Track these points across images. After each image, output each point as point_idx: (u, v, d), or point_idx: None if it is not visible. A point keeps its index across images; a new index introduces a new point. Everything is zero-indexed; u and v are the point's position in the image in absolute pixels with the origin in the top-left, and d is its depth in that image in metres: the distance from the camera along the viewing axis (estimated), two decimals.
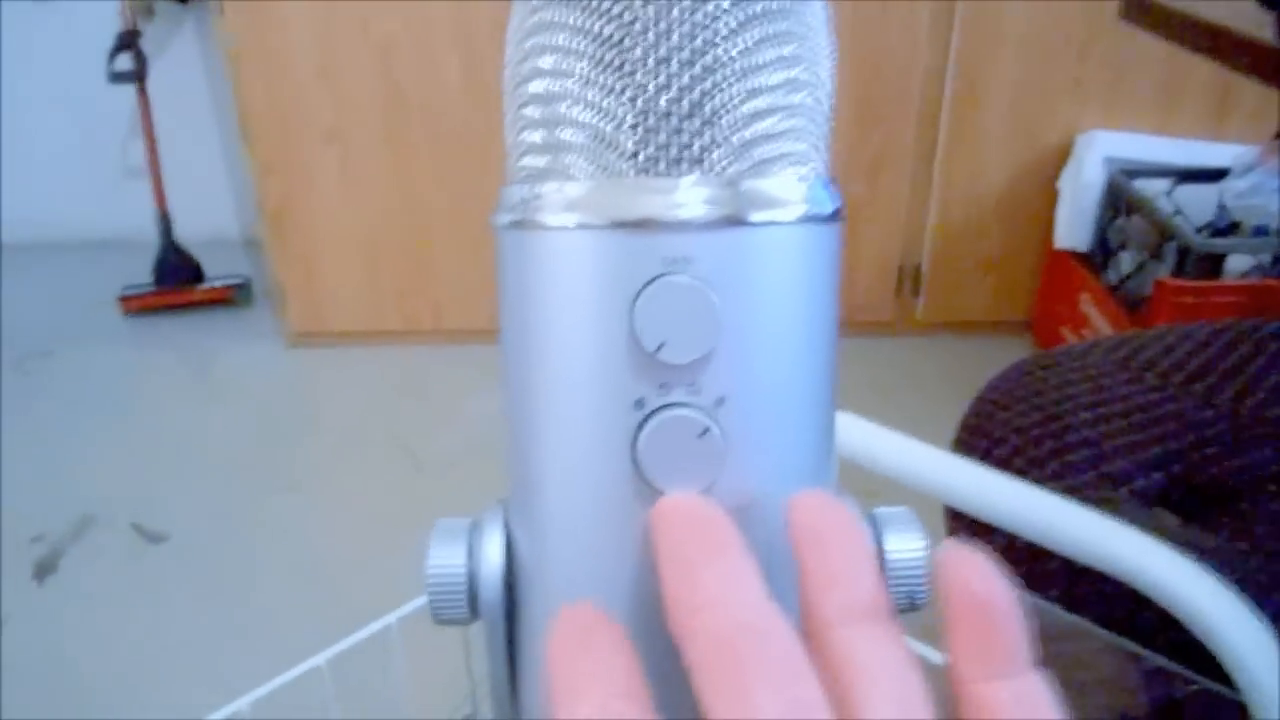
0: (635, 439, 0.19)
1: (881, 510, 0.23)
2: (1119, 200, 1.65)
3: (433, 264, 1.93)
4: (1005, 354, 1.70)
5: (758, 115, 0.19)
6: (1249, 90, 1.72)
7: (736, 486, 0.20)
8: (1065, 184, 1.76)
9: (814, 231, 0.20)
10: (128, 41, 2.03)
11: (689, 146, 0.19)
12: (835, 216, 0.20)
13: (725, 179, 0.19)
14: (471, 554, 0.22)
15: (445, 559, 0.22)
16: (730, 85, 0.19)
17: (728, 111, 0.19)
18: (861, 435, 0.47)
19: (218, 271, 2.19)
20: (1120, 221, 1.64)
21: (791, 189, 0.20)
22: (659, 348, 0.19)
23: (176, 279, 2.15)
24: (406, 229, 1.90)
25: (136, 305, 2.13)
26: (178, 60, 2.34)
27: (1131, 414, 0.73)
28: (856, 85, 1.77)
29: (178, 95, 2.30)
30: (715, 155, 0.19)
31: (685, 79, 0.19)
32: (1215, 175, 1.59)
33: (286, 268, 1.93)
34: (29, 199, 2.45)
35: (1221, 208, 1.51)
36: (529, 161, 0.21)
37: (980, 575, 0.18)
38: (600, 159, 0.19)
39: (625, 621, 0.18)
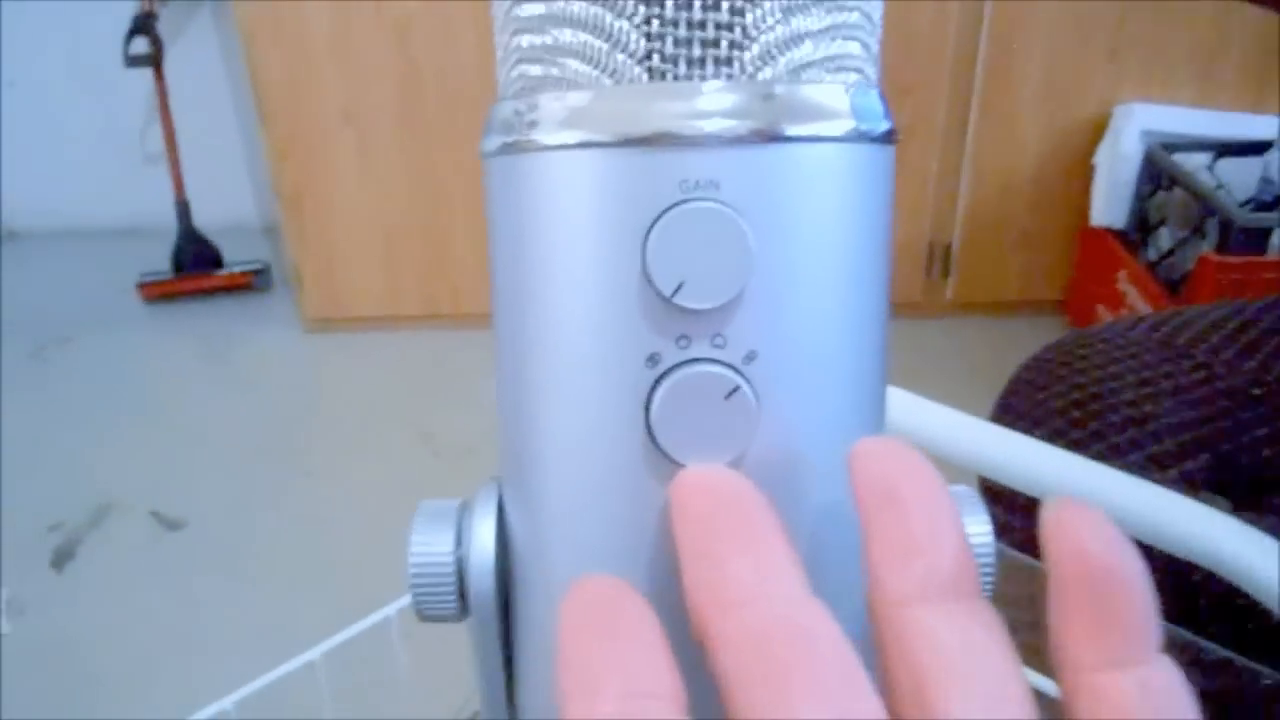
0: (649, 402, 0.16)
1: None
2: (1158, 175, 1.60)
3: (451, 247, 1.90)
4: (1039, 335, 1.65)
5: (798, 5, 0.16)
6: None
7: (772, 458, 0.16)
8: (1101, 158, 1.71)
9: (865, 152, 0.16)
10: (144, 24, 2.01)
11: (713, 44, 0.15)
12: (889, 136, 0.17)
13: (758, 85, 0.16)
14: (460, 540, 0.19)
15: (429, 546, 0.19)
16: None
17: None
18: (892, 401, 0.43)
19: (237, 258, 2.18)
20: (1159, 197, 1.58)
21: (838, 98, 0.16)
22: (677, 290, 0.15)
23: (195, 265, 2.14)
24: (424, 212, 1.88)
25: (156, 292, 2.12)
26: (194, 44, 2.32)
27: (1177, 393, 0.70)
28: (884, 53, 1.68)
29: (195, 80, 2.28)
30: (746, 56, 0.16)
31: None
32: (1257, 148, 1.53)
33: (304, 253, 1.91)
34: (48, 187, 2.45)
35: (1266, 181, 1.45)
36: (522, 70, 0.17)
37: (1099, 535, 0.15)
38: (606, 61, 0.16)
39: None
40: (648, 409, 0.16)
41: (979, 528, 0.18)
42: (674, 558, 0.15)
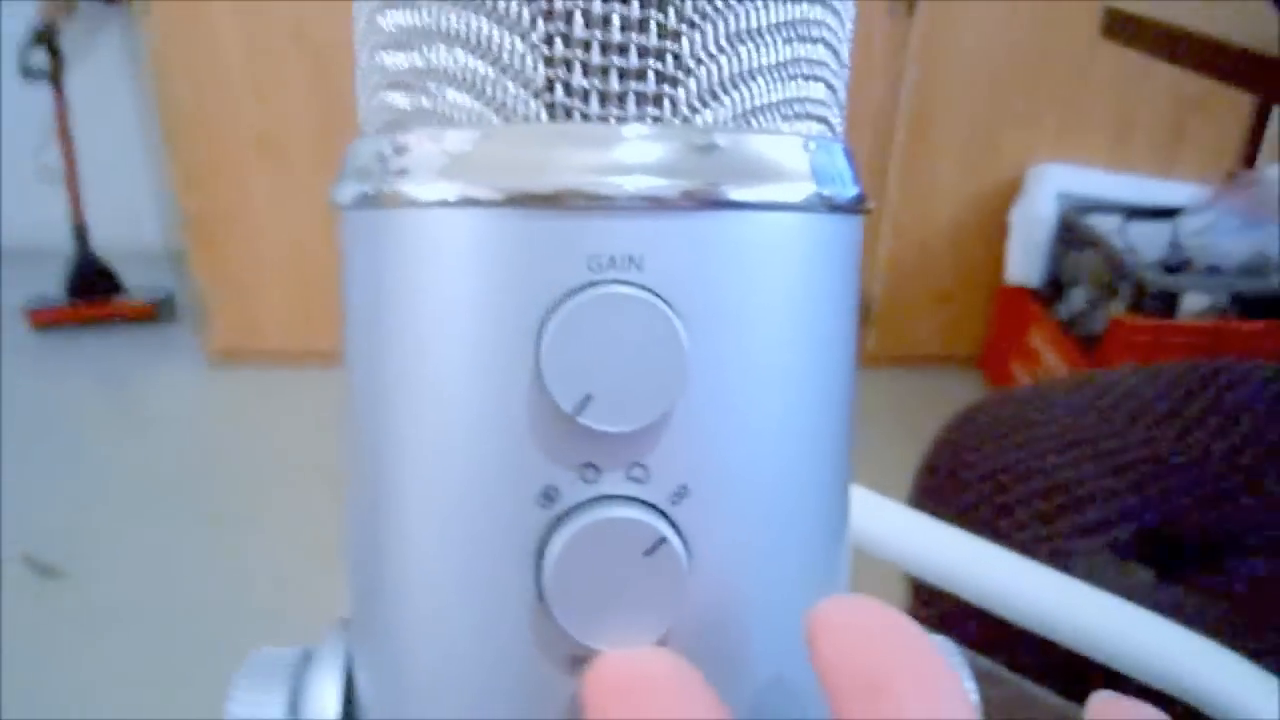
0: (540, 557, 0.12)
1: None
2: (1071, 235, 1.63)
3: None
4: (956, 389, 1.66)
5: (748, 30, 0.12)
6: (1200, 127, 1.72)
7: (707, 631, 0.12)
8: (1017, 218, 1.74)
9: (829, 225, 0.13)
10: (44, 37, 1.91)
11: (637, 75, 0.12)
12: (858, 204, 0.13)
13: (695, 132, 0.12)
14: (295, 707, 0.14)
15: (251, 714, 0.14)
16: None
17: (703, 19, 0.12)
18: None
19: (138, 284, 2.07)
20: (1073, 257, 1.62)
21: (796, 155, 0.12)
22: (583, 405, 0.11)
23: (92, 292, 2.02)
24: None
25: (47, 319, 2.00)
26: (101, 62, 2.22)
27: (1102, 458, 0.70)
28: None
29: (100, 99, 2.18)
30: (680, 94, 0.12)
31: None
32: (1168, 213, 1.57)
33: (211, 280, 1.82)
34: None
35: (1174, 245, 1.49)
36: (387, 99, 0.13)
37: None
38: (493, 93, 0.12)
39: None
40: (538, 566, 0.12)
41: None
42: None
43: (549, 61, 0.12)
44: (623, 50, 0.12)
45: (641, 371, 0.11)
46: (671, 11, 0.12)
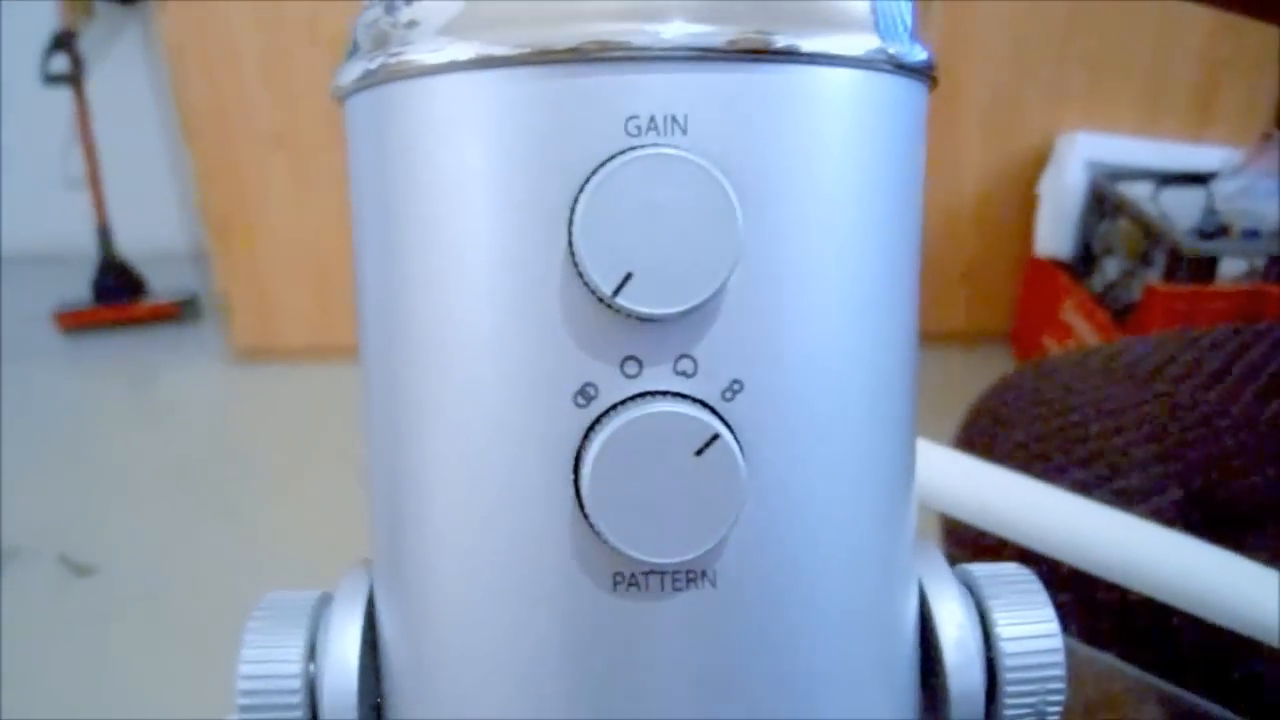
0: (579, 460, 0.11)
1: (979, 569, 0.14)
2: (1103, 204, 1.59)
3: None
4: (986, 366, 1.64)
5: None
6: (1232, 88, 1.67)
7: (765, 546, 0.11)
8: (1045, 189, 1.71)
9: (897, 88, 0.11)
10: (63, 42, 1.92)
11: None
12: (926, 70, 0.12)
13: None
14: (314, 650, 0.13)
15: (268, 658, 0.13)
16: None
17: None
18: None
19: (162, 286, 2.08)
20: (1104, 226, 1.58)
21: (856, 3, 0.11)
22: (622, 285, 0.10)
23: (117, 294, 2.04)
24: None
25: (74, 322, 2.02)
26: (120, 65, 2.23)
27: (1142, 425, 0.68)
28: None
29: (120, 101, 2.19)
30: None
31: None
32: (1200, 179, 1.53)
33: (232, 280, 1.83)
34: None
35: (1210, 211, 1.45)
36: None
37: None
38: None
39: None
40: (577, 470, 0.11)
41: (1037, 621, 0.13)
42: (624, 698, 0.10)
43: None
44: None
45: (688, 245, 0.10)
46: None
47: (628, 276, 0.10)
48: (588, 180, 0.10)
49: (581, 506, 0.11)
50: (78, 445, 1.68)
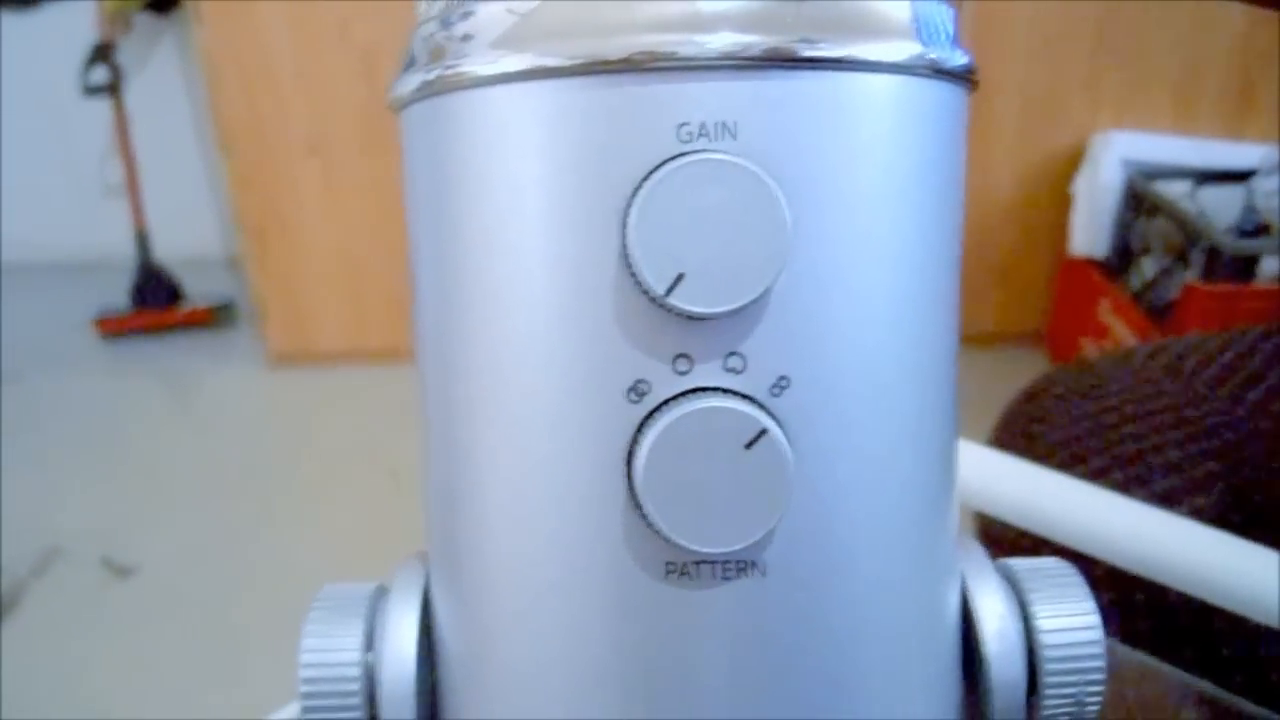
0: (632, 453, 0.11)
1: (1020, 563, 0.14)
2: (1139, 203, 1.57)
3: None
4: (1020, 367, 1.63)
5: None
6: (1270, 84, 1.65)
7: (812, 538, 0.11)
8: (1080, 188, 1.69)
9: (937, 92, 0.12)
10: (102, 54, 1.96)
11: None
12: (967, 74, 0.12)
13: None
14: (372, 641, 0.14)
15: (329, 647, 0.13)
16: None
17: None
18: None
19: (200, 292, 2.11)
20: (1141, 225, 1.56)
21: (898, 7, 0.11)
22: (674, 286, 0.10)
23: (155, 300, 2.07)
24: (391, 243, 1.83)
25: (113, 328, 2.05)
26: (157, 75, 2.27)
27: (1180, 425, 0.67)
28: None
29: (157, 110, 2.23)
30: None
31: None
32: (1238, 176, 1.51)
33: (268, 285, 1.85)
34: (1, 219, 2.37)
35: (1249, 209, 1.43)
36: None
37: None
38: None
39: None
40: (629, 464, 0.11)
41: (1078, 614, 0.14)
42: (675, 685, 0.10)
43: None
44: None
45: (739, 246, 0.10)
46: None
47: (679, 277, 0.10)
48: (640, 185, 0.10)
49: (634, 498, 0.11)
50: (117, 449, 1.71)
